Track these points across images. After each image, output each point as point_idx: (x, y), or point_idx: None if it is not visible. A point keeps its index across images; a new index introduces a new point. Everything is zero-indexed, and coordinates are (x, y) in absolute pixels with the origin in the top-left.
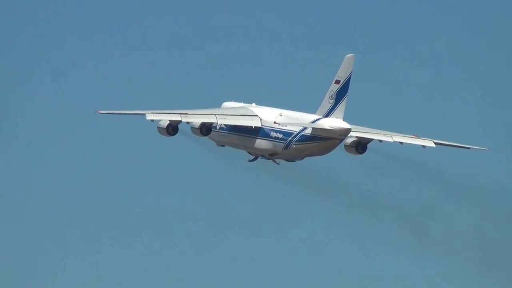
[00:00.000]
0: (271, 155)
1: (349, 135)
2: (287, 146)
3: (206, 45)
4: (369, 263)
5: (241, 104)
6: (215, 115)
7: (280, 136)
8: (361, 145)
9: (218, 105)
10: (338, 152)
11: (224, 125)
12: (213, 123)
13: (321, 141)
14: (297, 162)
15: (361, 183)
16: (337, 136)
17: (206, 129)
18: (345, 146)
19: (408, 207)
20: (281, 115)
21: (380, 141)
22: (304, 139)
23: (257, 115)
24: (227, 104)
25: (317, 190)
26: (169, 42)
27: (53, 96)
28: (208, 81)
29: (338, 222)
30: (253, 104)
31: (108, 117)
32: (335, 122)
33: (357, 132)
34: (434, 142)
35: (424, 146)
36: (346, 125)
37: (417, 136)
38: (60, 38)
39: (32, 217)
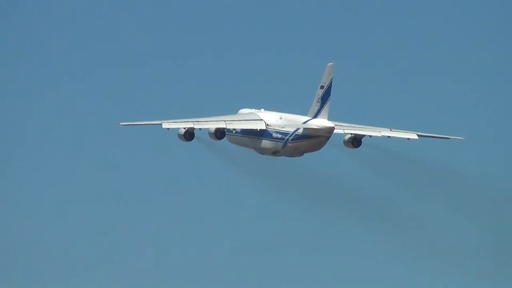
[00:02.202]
0: (273, 153)
1: (345, 132)
2: (284, 145)
3: (221, 58)
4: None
5: (252, 110)
6: (224, 121)
7: (279, 136)
8: (356, 140)
9: (235, 111)
10: (338, 147)
11: (239, 128)
12: (225, 128)
13: (311, 139)
14: (299, 158)
15: (356, 172)
16: (324, 134)
17: (220, 133)
18: (344, 141)
19: (396, 194)
20: (281, 118)
21: (371, 136)
22: (297, 138)
23: (262, 119)
24: (242, 110)
25: (317, 181)
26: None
27: (73, 106)
28: (228, 91)
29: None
30: (262, 110)
31: (129, 127)
32: (321, 122)
33: (351, 129)
34: (417, 135)
35: (408, 139)
36: (329, 124)
37: (391, 129)
38: (73, 45)
39: (56, 223)
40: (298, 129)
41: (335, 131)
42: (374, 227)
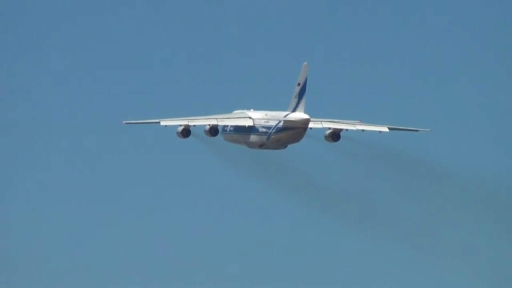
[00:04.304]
0: (260, 146)
1: (325, 127)
2: (268, 138)
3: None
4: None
5: (243, 111)
6: (216, 119)
7: (264, 130)
8: (335, 135)
9: (231, 111)
10: (319, 141)
11: (231, 127)
12: (217, 125)
13: (290, 130)
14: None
15: (336, 165)
16: (301, 125)
17: (214, 130)
18: (324, 136)
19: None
20: (266, 115)
21: (347, 130)
22: (279, 130)
23: (250, 117)
24: (236, 111)
25: (302, 173)
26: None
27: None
28: (226, 93)
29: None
30: (251, 110)
31: (131, 125)
32: (297, 115)
33: (328, 123)
34: (388, 128)
35: (380, 131)
36: (305, 116)
37: (361, 120)
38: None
39: (61, 216)
40: (279, 122)
41: (314, 125)
42: (358, 219)
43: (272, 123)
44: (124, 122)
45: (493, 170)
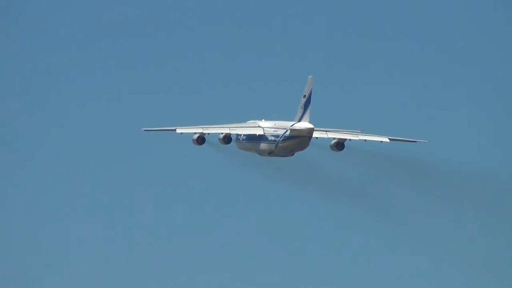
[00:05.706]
0: (269, 154)
1: (330, 137)
2: (276, 145)
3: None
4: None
5: (255, 121)
6: (229, 127)
7: (273, 138)
8: (339, 145)
9: (244, 121)
10: (326, 150)
11: (244, 136)
12: (230, 133)
13: (296, 139)
14: (290, 157)
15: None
16: (305, 134)
17: (227, 139)
18: (330, 146)
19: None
20: (275, 125)
21: (350, 140)
22: (286, 138)
23: (260, 127)
24: (249, 121)
25: (307, 178)
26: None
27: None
28: (241, 103)
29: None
30: (262, 120)
31: (150, 132)
32: (302, 124)
33: (333, 133)
34: (389, 138)
35: (381, 142)
36: (309, 125)
37: (362, 130)
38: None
39: (82, 219)
40: (286, 131)
41: (320, 135)
42: (364, 219)
43: (280, 132)
44: (143, 129)
45: (493, 171)
